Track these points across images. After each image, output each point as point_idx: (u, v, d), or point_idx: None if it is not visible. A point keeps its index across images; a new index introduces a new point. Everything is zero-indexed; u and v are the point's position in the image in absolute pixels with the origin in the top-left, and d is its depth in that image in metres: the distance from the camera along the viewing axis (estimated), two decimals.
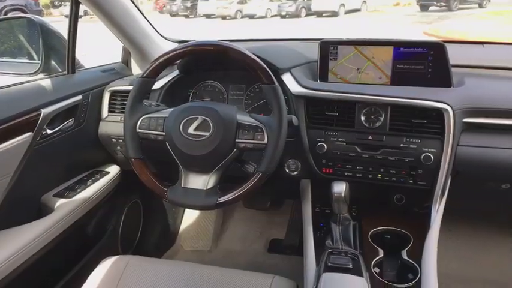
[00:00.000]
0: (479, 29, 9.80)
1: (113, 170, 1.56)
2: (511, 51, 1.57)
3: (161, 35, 1.63)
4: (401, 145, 1.15)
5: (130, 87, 1.09)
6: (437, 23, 11.63)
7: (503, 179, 1.20)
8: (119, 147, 1.49)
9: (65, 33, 1.38)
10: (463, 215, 1.81)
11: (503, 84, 1.26)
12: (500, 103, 1.14)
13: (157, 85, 1.37)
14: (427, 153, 1.12)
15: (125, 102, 1.08)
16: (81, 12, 1.40)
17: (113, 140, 1.47)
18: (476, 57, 1.44)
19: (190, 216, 2.12)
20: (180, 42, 1.67)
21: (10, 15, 5.99)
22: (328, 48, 1.28)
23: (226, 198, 1.02)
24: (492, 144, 1.14)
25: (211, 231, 2.04)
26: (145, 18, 1.52)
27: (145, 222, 1.85)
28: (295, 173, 1.28)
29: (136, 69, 1.66)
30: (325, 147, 1.20)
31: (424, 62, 1.21)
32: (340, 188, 1.09)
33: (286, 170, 1.29)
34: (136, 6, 1.47)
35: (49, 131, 1.27)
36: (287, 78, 1.26)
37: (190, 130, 1.01)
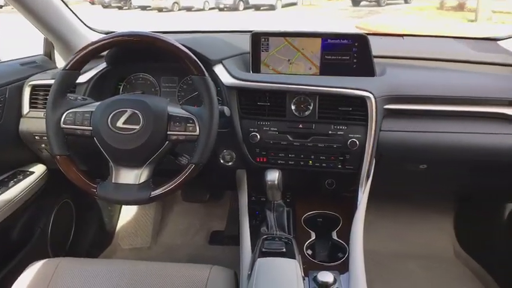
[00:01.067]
0: (405, 23, 10.52)
1: (39, 169, 1.46)
2: (427, 42, 1.71)
3: (87, 26, 1.55)
4: (330, 132, 1.21)
5: (53, 81, 1.03)
6: (367, 17, 12.27)
7: (420, 160, 1.31)
8: (43, 145, 1.40)
9: None
10: (391, 196, 1.94)
11: (421, 73, 1.37)
12: (417, 90, 1.23)
13: (84, 78, 1.31)
14: (353, 139, 1.19)
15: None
16: (1, 2, 1.29)
17: (36, 137, 1.38)
18: (397, 49, 1.54)
19: (127, 214, 2.06)
20: (107, 33, 1.60)
21: None
22: (259, 40, 1.30)
23: (160, 192, 1.01)
24: (411, 129, 1.23)
25: (150, 227, 2.00)
26: (68, 7, 1.44)
27: (78, 222, 1.77)
28: (230, 163, 1.30)
29: (61, 62, 1.57)
30: (258, 136, 1.22)
31: (349, 53, 1.27)
32: (273, 176, 1.12)
33: (221, 161, 1.30)
34: None
35: None
36: (219, 69, 1.26)
37: (119, 124, 0.98)
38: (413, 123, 1.24)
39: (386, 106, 1.22)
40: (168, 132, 1.00)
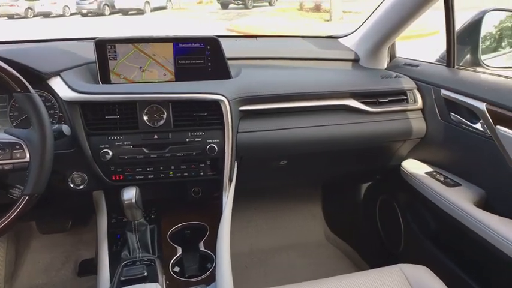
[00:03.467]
0: (272, 24, 11.19)
1: None
2: (278, 43, 1.79)
3: None
4: (187, 140, 1.17)
5: None
6: (236, 19, 12.72)
7: (280, 157, 1.36)
8: None
9: None
10: (264, 193, 2.00)
11: (272, 73, 1.41)
12: (267, 90, 1.26)
13: None
14: (212, 144, 1.16)
15: None
16: None
17: None
18: (251, 50, 1.57)
19: None
20: None
21: None
22: (105, 48, 1.20)
23: None
24: (266, 127, 1.26)
25: (1, 272, 1.70)
26: None
27: None
28: (82, 186, 1.16)
29: None
30: (111, 153, 1.11)
31: (203, 56, 1.25)
32: (129, 194, 1.03)
33: (71, 185, 1.15)
34: None
35: None
36: (56, 83, 1.12)
37: None
38: (268, 122, 1.27)
39: (242, 108, 1.22)
40: None
